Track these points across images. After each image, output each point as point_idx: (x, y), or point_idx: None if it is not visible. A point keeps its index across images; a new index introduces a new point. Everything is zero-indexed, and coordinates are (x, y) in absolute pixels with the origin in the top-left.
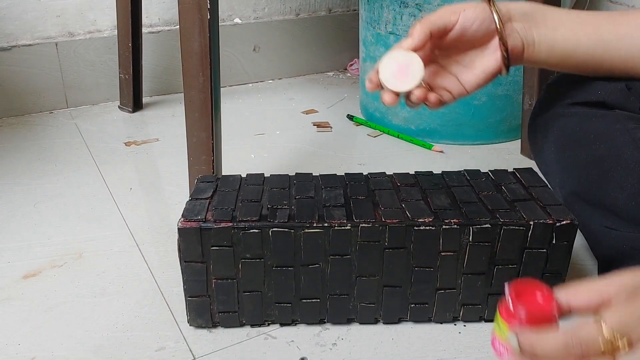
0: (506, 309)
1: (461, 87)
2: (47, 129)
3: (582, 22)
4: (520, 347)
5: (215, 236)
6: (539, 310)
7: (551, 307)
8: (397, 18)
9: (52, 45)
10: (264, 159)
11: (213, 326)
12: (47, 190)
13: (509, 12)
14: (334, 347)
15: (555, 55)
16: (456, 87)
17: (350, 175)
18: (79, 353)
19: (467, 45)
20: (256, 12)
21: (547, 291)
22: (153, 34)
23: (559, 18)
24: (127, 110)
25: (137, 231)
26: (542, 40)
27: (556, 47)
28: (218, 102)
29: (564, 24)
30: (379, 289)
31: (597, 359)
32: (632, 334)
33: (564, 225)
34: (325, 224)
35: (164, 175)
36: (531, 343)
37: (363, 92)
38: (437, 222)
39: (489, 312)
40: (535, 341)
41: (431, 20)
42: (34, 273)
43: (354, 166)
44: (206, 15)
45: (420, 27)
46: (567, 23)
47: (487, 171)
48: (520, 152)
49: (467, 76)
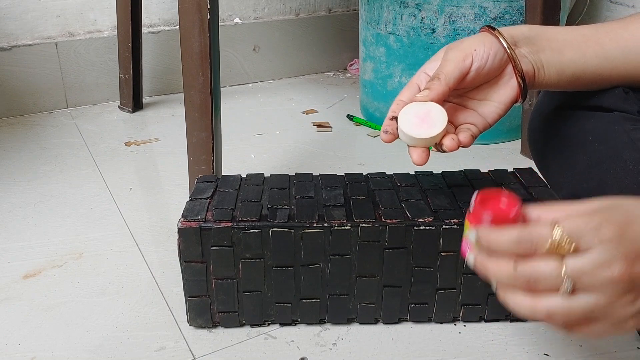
0: (473, 213)
1: (484, 120)
2: (47, 129)
3: (586, 41)
4: (477, 241)
5: (215, 236)
6: (501, 213)
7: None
8: (397, 18)
9: (52, 45)
10: (264, 159)
11: (213, 326)
12: (47, 190)
13: (513, 38)
14: (334, 347)
15: (565, 78)
16: (479, 120)
17: (350, 175)
18: (79, 353)
19: (480, 81)
20: (256, 12)
21: (513, 198)
22: (153, 34)
23: (562, 39)
24: (127, 110)
25: (137, 231)
26: (550, 64)
27: (565, 69)
28: (218, 102)
29: (568, 45)
30: (379, 289)
31: (543, 258)
32: (581, 241)
33: None
34: (325, 224)
35: (164, 175)
36: (487, 237)
37: (363, 92)
38: (437, 222)
39: (489, 312)
40: (490, 235)
41: (447, 73)
42: (34, 273)
43: (354, 166)
44: (206, 15)
45: (437, 82)
46: (572, 44)
47: (487, 171)
48: (520, 152)
49: (486, 109)
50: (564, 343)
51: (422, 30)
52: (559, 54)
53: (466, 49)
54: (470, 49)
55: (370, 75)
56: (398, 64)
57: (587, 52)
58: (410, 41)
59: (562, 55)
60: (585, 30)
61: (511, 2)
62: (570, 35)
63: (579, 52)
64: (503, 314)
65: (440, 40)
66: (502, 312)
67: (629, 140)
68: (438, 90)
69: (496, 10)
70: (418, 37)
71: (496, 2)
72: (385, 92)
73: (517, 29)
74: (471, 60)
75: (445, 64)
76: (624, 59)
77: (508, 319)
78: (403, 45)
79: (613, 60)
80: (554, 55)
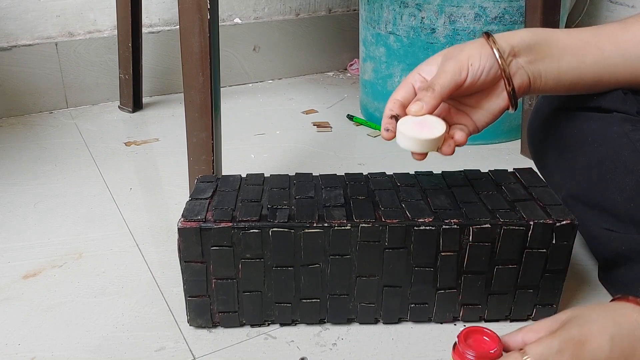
0: (457, 351)
1: (474, 124)
2: (47, 129)
3: (586, 44)
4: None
5: (215, 236)
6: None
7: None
8: (397, 18)
9: (52, 45)
10: (264, 159)
11: (213, 326)
12: (47, 190)
13: (513, 49)
14: (334, 347)
15: (563, 85)
16: (470, 123)
17: (350, 175)
18: (79, 353)
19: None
20: (256, 12)
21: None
22: (153, 34)
23: (562, 45)
24: (127, 110)
25: (137, 231)
26: (548, 72)
27: (563, 76)
28: (218, 102)
29: (568, 51)
30: (379, 289)
31: None
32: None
33: (564, 225)
34: (325, 224)
35: (164, 175)
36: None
37: (363, 92)
38: (437, 222)
39: (489, 312)
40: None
41: (442, 85)
42: (34, 273)
43: (354, 166)
44: (206, 15)
45: (431, 94)
46: (572, 50)
47: (487, 171)
48: (520, 152)
49: (476, 115)
50: None
51: (422, 30)
52: (557, 62)
53: (463, 61)
54: (467, 62)
55: (370, 75)
56: (398, 64)
57: (586, 59)
58: (410, 41)
59: (560, 63)
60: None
61: (511, 2)
62: (570, 41)
63: (578, 58)
64: (503, 314)
65: (440, 40)
66: (502, 312)
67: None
68: (431, 104)
69: (496, 10)
70: (418, 37)
71: (496, 2)
72: (385, 92)
73: (518, 36)
74: (466, 74)
75: (441, 74)
76: (624, 64)
77: (508, 319)
78: (403, 45)
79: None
80: (553, 63)
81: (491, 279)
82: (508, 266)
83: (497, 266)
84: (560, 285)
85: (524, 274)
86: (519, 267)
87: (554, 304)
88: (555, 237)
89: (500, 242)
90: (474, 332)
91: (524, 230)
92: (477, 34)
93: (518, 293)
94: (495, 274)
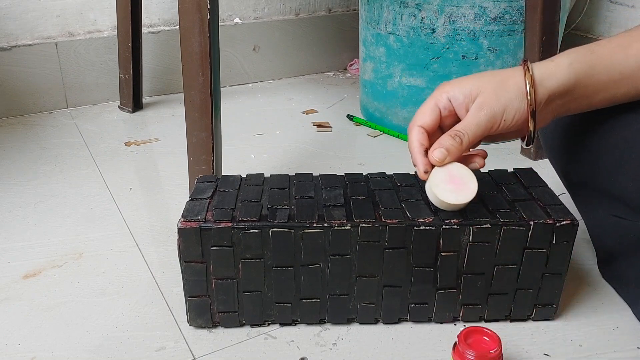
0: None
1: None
2: (47, 129)
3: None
4: None
5: (215, 236)
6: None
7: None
8: (397, 18)
9: (52, 45)
10: (264, 159)
11: (213, 326)
12: (47, 190)
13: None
14: (334, 347)
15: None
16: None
17: (350, 175)
18: (79, 353)
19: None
20: (256, 12)
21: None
22: (153, 34)
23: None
24: (127, 110)
25: (137, 231)
26: (578, 109)
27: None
28: (218, 102)
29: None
30: (379, 289)
31: None
32: None
33: (564, 225)
34: (325, 224)
35: (164, 175)
36: None
37: (363, 92)
38: (437, 222)
39: (489, 312)
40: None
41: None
42: (34, 273)
43: (354, 166)
44: (206, 15)
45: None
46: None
47: (487, 171)
48: (520, 152)
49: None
50: (564, 343)
51: (422, 30)
52: (590, 100)
53: (497, 116)
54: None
55: (370, 75)
56: (398, 64)
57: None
58: (410, 41)
59: (592, 100)
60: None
61: (511, 2)
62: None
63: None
64: (503, 314)
65: (440, 40)
66: (502, 312)
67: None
68: (456, 155)
69: (496, 10)
70: (418, 37)
71: (496, 2)
72: (385, 92)
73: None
74: (498, 127)
75: (472, 126)
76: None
77: (508, 319)
78: (403, 45)
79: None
80: (585, 101)
81: (491, 279)
82: (508, 266)
83: (497, 266)
84: (560, 285)
85: (524, 274)
86: (519, 267)
87: (554, 304)
88: (555, 237)
89: (500, 242)
90: (474, 332)
91: (524, 230)
92: (477, 34)
93: (518, 293)
94: (495, 274)
